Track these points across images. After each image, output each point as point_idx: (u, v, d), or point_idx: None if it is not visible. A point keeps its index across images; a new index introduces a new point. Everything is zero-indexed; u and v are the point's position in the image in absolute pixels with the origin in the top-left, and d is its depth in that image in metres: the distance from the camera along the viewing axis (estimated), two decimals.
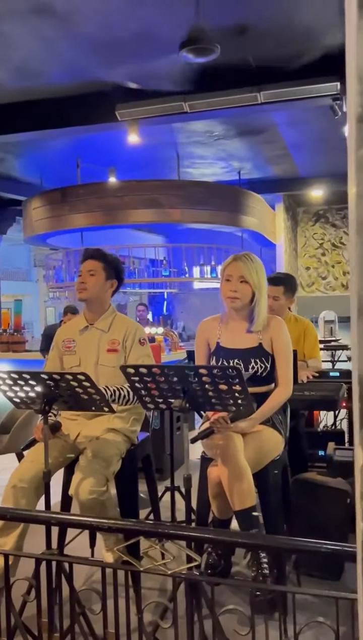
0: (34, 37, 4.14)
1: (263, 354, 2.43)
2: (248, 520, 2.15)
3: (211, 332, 2.55)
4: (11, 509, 1.89)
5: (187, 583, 1.67)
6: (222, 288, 2.47)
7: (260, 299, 2.43)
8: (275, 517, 2.36)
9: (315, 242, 11.31)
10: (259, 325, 2.44)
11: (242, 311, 2.47)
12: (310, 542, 1.38)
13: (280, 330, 2.47)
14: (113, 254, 2.80)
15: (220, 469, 2.23)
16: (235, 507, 2.18)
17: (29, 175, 8.29)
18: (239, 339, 2.47)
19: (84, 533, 2.88)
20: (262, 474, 2.33)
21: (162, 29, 4.01)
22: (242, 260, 2.44)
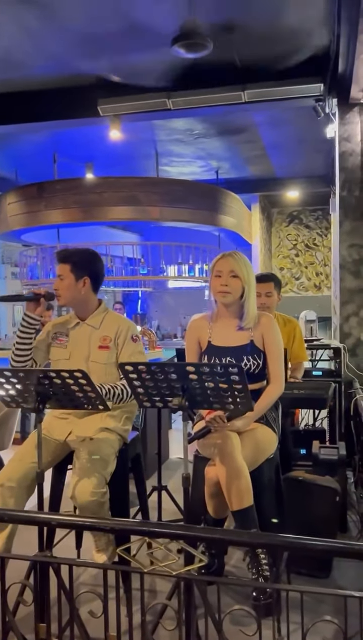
0: (17, 27, 4.03)
1: (255, 351, 2.43)
2: (247, 520, 2.14)
3: (202, 330, 2.53)
4: (8, 511, 1.83)
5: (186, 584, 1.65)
6: (212, 284, 2.46)
7: (249, 294, 2.44)
8: (270, 516, 2.35)
9: (289, 243, 11.42)
10: (250, 322, 2.45)
11: (232, 307, 2.47)
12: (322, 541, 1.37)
13: (271, 327, 2.48)
14: (83, 249, 2.70)
15: (218, 469, 2.21)
16: (234, 507, 2.17)
17: (3, 169, 8.11)
18: (231, 337, 2.46)
19: (70, 533, 2.83)
20: (257, 472, 2.33)
21: (149, 24, 3.96)
22: (232, 256, 2.46)
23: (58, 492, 2.59)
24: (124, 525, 1.61)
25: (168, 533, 1.55)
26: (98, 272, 2.65)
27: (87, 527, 1.72)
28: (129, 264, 7.95)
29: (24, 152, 7.34)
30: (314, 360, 4.45)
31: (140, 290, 10.77)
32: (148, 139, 6.92)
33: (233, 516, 2.22)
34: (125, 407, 2.58)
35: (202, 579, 1.53)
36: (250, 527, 2.16)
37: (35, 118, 5.38)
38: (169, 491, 3.19)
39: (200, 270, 8.21)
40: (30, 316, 2.53)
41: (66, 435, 2.50)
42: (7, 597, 1.76)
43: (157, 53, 4.35)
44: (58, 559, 1.71)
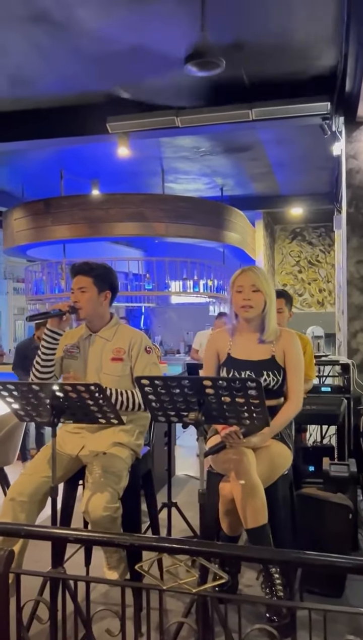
0: (28, 45, 4.10)
1: (275, 366, 2.42)
2: (262, 538, 2.11)
3: (222, 342, 2.52)
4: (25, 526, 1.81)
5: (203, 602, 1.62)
6: (234, 300, 2.45)
7: (270, 308, 2.43)
8: (285, 533, 2.33)
9: (291, 260, 11.47)
10: (271, 335, 2.44)
11: (253, 321, 2.46)
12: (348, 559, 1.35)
13: (292, 344, 2.47)
14: (101, 263, 2.71)
15: (233, 485, 2.19)
16: (248, 524, 2.14)
17: (10, 185, 8.18)
18: (251, 351, 2.45)
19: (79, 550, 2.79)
20: (272, 489, 2.30)
21: (159, 43, 4.02)
22: (252, 270, 2.46)
23: (69, 507, 2.56)
24: (142, 541, 1.59)
25: (188, 549, 1.53)
26: (116, 287, 2.67)
27: (104, 543, 1.70)
28: (134, 280, 7.97)
29: (30, 168, 7.41)
30: (321, 376, 4.43)
31: (143, 305, 10.80)
32: (154, 156, 6.99)
33: (248, 534, 2.19)
34: (138, 421, 2.56)
35: (224, 597, 1.50)
36: (265, 545, 2.13)
37: (44, 135, 5.44)
38: (179, 508, 3.16)
39: (204, 286, 8.24)
40: (54, 331, 2.51)
41: (79, 450, 2.48)
42: (22, 613, 1.73)
43: (166, 71, 4.42)
44: (75, 576, 1.69)
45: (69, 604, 1.85)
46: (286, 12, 3.69)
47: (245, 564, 2.74)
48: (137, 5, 3.56)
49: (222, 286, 8.74)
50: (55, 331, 2.52)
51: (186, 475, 4.94)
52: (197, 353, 6.71)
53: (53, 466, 2.11)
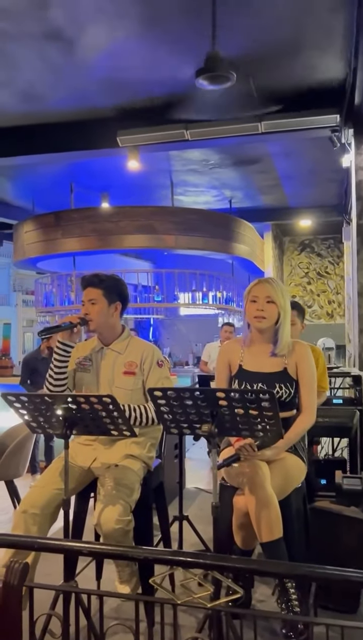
0: (41, 61, 4.16)
1: (287, 379, 2.41)
2: (277, 552, 2.09)
3: (233, 354, 2.51)
4: (38, 539, 1.80)
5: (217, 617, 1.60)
6: (247, 309, 2.45)
7: (284, 320, 2.42)
8: (299, 547, 2.30)
9: (300, 271, 11.46)
10: (283, 348, 2.42)
11: (266, 333, 2.45)
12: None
13: (305, 356, 2.46)
14: (111, 275, 2.72)
15: (247, 499, 2.17)
16: (263, 538, 2.12)
17: (20, 198, 8.26)
18: (263, 363, 2.44)
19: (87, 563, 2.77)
20: (285, 502, 2.28)
21: (170, 57, 4.07)
22: (268, 282, 2.46)
23: (81, 520, 2.55)
24: (156, 555, 1.57)
25: (202, 563, 1.51)
26: (127, 298, 2.67)
27: (117, 556, 1.69)
28: (143, 292, 7.99)
29: (41, 182, 7.48)
30: (333, 388, 4.40)
31: (152, 317, 10.81)
32: (163, 169, 7.03)
33: (263, 548, 2.17)
34: (149, 433, 2.55)
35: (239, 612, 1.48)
36: (280, 559, 2.11)
37: (55, 149, 5.50)
38: (191, 521, 3.14)
39: (213, 297, 8.24)
40: (65, 343, 2.52)
41: (91, 462, 2.48)
42: (35, 627, 1.72)
43: (176, 85, 4.47)
44: (88, 590, 1.68)
45: (82, 618, 1.84)
46: (295, 26, 3.73)
47: (258, 579, 2.71)
48: (148, 21, 3.62)
49: (231, 298, 8.74)
50: (66, 344, 2.52)
51: (196, 488, 4.91)
52: (206, 365, 6.70)
53: (65, 478, 2.11)
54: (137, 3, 3.44)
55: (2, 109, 4.98)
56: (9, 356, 6.80)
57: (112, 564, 2.65)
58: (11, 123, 5.26)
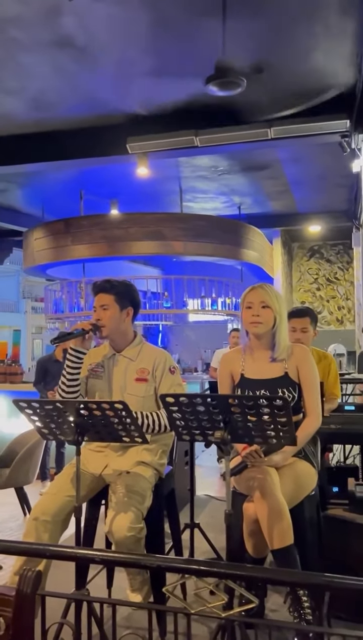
0: (52, 68, 4.18)
1: (290, 383, 2.40)
2: (289, 560, 2.06)
3: (234, 363, 2.51)
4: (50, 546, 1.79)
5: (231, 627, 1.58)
6: (243, 316, 2.46)
7: (280, 324, 2.42)
8: (312, 556, 2.27)
9: (309, 277, 11.42)
10: (282, 353, 2.42)
11: (264, 339, 2.45)
12: None
13: (305, 358, 2.44)
14: (123, 280, 2.72)
15: (257, 506, 2.15)
16: (274, 545, 2.10)
17: (30, 206, 8.30)
18: (264, 369, 2.43)
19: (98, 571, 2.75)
20: (298, 510, 2.25)
21: (180, 63, 4.08)
22: (262, 287, 2.47)
23: (92, 528, 2.54)
24: (170, 563, 1.56)
25: (217, 572, 1.49)
26: (138, 304, 2.67)
27: (130, 564, 1.67)
28: (152, 298, 7.99)
29: (50, 189, 7.52)
30: (345, 394, 4.37)
31: (161, 324, 10.81)
32: (172, 176, 7.05)
33: (274, 555, 2.14)
34: (161, 440, 2.54)
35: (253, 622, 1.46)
36: (292, 567, 2.08)
37: (64, 156, 5.52)
38: (202, 529, 3.11)
39: (223, 303, 8.22)
40: (77, 350, 2.51)
41: (102, 469, 2.46)
42: (47, 636, 1.70)
43: (186, 91, 4.48)
44: (100, 599, 1.66)
45: (93, 627, 1.82)
46: (305, 32, 3.72)
47: (270, 587, 2.68)
48: (159, 27, 3.63)
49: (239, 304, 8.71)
50: (79, 350, 2.52)
51: (206, 495, 4.88)
52: (216, 371, 6.67)
53: (77, 485, 2.10)
54: (147, 9, 3.45)
55: (12, 116, 5.01)
56: (18, 362, 6.81)
57: (123, 572, 2.63)
58: (21, 130, 5.29)
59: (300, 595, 2.08)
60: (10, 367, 6.57)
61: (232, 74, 3.12)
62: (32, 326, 24.91)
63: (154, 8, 3.44)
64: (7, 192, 7.63)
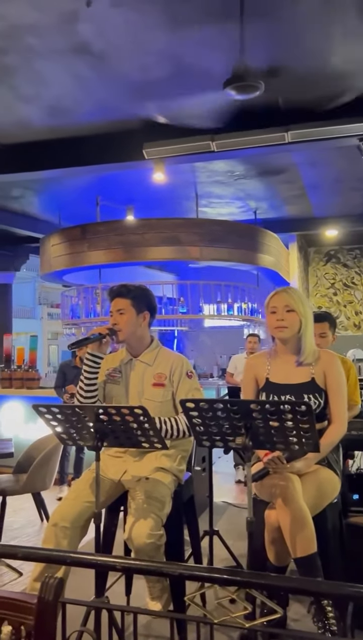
0: (69, 75, 4.21)
1: (316, 389, 2.35)
2: (312, 568, 2.02)
3: (259, 367, 2.47)
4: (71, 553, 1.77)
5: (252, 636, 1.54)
6: (268, 321, 2.42)
7: (306, 328, 2.37)
8: (335, 565, 2.22)
9: (326, 282, 11.33)
10: (309, 357, 2.37)
11: (290, 343, 2.41)
12: None
13: (333, 365, 2.40)
14: (139, 285, 2.70)
15: (279, 513, 2.11)
16: (297, 554, 2.05)
17: (47, 212, 8.36)
18: (290, 374, 2.39)
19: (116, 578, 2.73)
20: (320, 518, 2.21)
21: (197, 68, 4.08)
22: (286, 291, 2.43)
23: (111, 534, 2.52)
24: (192, 571, 1.53)
25: (240, 581, 1.46)
26: (155, 308, 2.65)
27: (151, 572, 1.64)
28: (168, 304, 7.99)
29: (67, 195, 7.57)
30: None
31: (176, 329, 10.78)
32: (188, 181, 7.05)
33: (297, 564, 2.10)
34: (180, 446, 2.51)
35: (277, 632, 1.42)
36: (316, 576, 2.04)
37: (81, 163, 5.55)
38: (221, 536, 3.07)
39: (239, 309, 8.18)
40: (95, 355, 2.50)
41: (121, 475, 2.44)
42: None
43: (203, 96, 4.48)
44: (121, 607, 1.64)
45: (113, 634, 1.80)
46: (322, 35, 3.70)
47: (292, 596, 2.63)
48: (176, 32, 3.63)
49: (256, 309, 8.67)
50: (96, 355, 2.51)
51: (224, 502, 4.84)
52: (232, 377, 6.64)
53: (96, 491, 2.08)
54: (164, 15, 3.46)
55: (29, 123, 5.05)
56: (35, 368, 6.83)
57: (142, 579, 2.61)
58: (38, 137, 5.33)
59: (324, 605, 2.03)
60: (28, 373, 6.59)
61: (250, 78, 3.10)
62: (48, 332, 25.08)
63: (171, 13, 3.44)
64: (23, 199, 7.70)
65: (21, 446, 4.67)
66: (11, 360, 6.73)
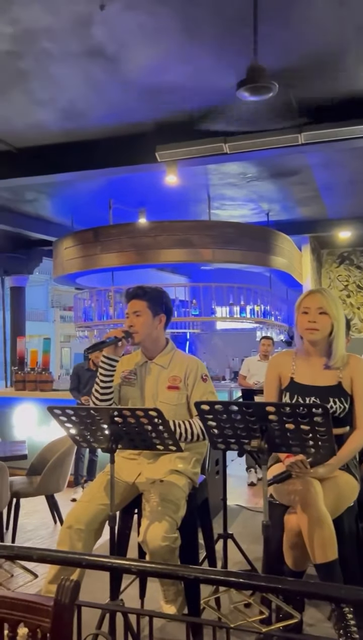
0: (83, 79, 4.23)
1: (342, 393, 2.32)
2: (332, 574, 1.99)
3: (284, 366, 2.44)
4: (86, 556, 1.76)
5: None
6: (299, 321, 2.38)
7: (338, 332, 2.33)
8: (352, 569, 2.19)
9: (339, 284, 11.25)
10: (338, 361, 2.34)
11: (319, 345, 2.37)
12: None
13: (361, 370, 2.36)
14: (155, 287, 2.70)
15: (300, 518, 2.08)
16: (317, 559, 2.03)
17: (60, 215, 8.40)
18: (317, 376, 2.36)
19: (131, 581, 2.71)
20: (337, 522, 2.18)
21: (209, 70, 4.08)
22: (320, 292, 2.38)
23: (125, 537, 2.51)
24: (208, 575, 1.52)
25: (257, 585, 1.44)
26: (171, 311, 2.65)
27: (167, 575, 1.63)
28: (181, 306, 7.98)
29: (79, 198, 7.60)
30: None
31: (188, 332, 10.77)
32: (201, 184, 7.04)
33: (317, 569, 2.08)
34: (195, 448, 2.50)
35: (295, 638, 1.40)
36: (336, 582, 2.01)
37: (94, 166, 5.57)
38: (236, 539, 3.05)
39: (251, 311, 8.15)
40: (110, 358, 2.50)
41: (135, 477, 2.44)
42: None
43: (215, 98, 4.47)
44: (136, 610, 1.63)
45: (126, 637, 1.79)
46: (336, 35, 3.68)
47: (308, 601, 2.61)
48: (190, 35, 3.63)
49: (268, 311, 8.63)
50: (111, 358, 2.51)
51: (238, 505, 4.81)
52: (245, 379, 6.61)
53: (111, 494, 2.07)
54: (178, 18, 3.46)
55: (43, 127, 5.08)
56: (48, 371, 6.85)
57: (155, 582, 2.59)
58: (51, 141, 5.35)
59: (345, 612, 2.00)
60: (41, 375, 6.61)
61: (264, 79, 3.09)
62: (60, 335, 25.21)
63: (185, 16, 3.44)
64: (37, 202, 7.74)
65: (35, 448, 4.68)
66: (24, 363, 6.76)
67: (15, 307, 11.07)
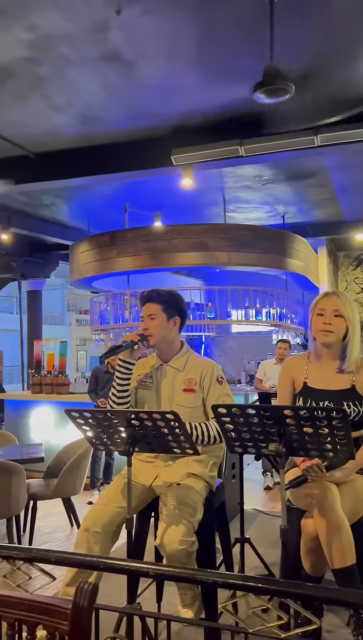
0: (100, 83, 4.25)
1: (356, 397, 2.30)
2: (351, 579, 1.97)
3: (298, 370, 2.42)
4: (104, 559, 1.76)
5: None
6: (313, 323, 2.36)
7: (353, 335, 2.31)
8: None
9: (356, 287, 11.16)
10: (352, 365, 2.32)
11: (333, 348, 2.35)
12: None
13: None
14: (170, 290, 2.70)
15: (317, 522, 2.06)
16: (334, 564, 2.01)
17: (76, 219, 8.46)
18: (330, 380, 2.34)
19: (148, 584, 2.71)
20: (355, 527, 2.16)
21: (226, 72, 4.08)
22: (336, 294, 2.36)
23: (142, 540, 2.51)
24: (226, 579, 1.51)
25: (276, 590, 1.43)
26: (186, 313, 2.64)
27: (184, 579, 1.63)
28: (196, 309, 7.98)
29: (95, 202, 7.65)
30: None
31: (203, 335, 10.76)
32: (216, 187, 7.04)
33: (335, 575, 2.06)
34: (212, 452, 2.49)
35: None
36: (355, 587, 1.99)
37: (110, 170, 5.59)
38: (252, 544, 3.04)
39: (267, 314, 8.12)
40: (127, 361, 2.51)
41: (152, 480, 2.44)
42: None
43: (231, 100, 4.47)
44: (154, 614, 1.62)
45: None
46: (352, 36, 3.66)
47: (326, 606, 2.58)
48: (206, 39, 3.64)
49: (284, 314, 8.60)
50: (128, 361, 2.51)
51: (254, 509, 4.78)
52: (261, 383, 6.58)
53: (128, 497, 2.07)
54: (194, 22, 3.47)
55: (60, 132, 5.12)
56: (65, 374, 6.89)
57: (172, 586, 2.59)
58: (69, 145, 5.39)
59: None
60: (58, 378, 6.66)
61: (280, 81, 3.08)
62: (76, 338, 25.35)
63: (201, 20, 3.45)
64: (53, 207, 7.81)
65: (51, 451, 4.71)
66: (41, 366, 6.81)
67: (32, 310, 11.17)
